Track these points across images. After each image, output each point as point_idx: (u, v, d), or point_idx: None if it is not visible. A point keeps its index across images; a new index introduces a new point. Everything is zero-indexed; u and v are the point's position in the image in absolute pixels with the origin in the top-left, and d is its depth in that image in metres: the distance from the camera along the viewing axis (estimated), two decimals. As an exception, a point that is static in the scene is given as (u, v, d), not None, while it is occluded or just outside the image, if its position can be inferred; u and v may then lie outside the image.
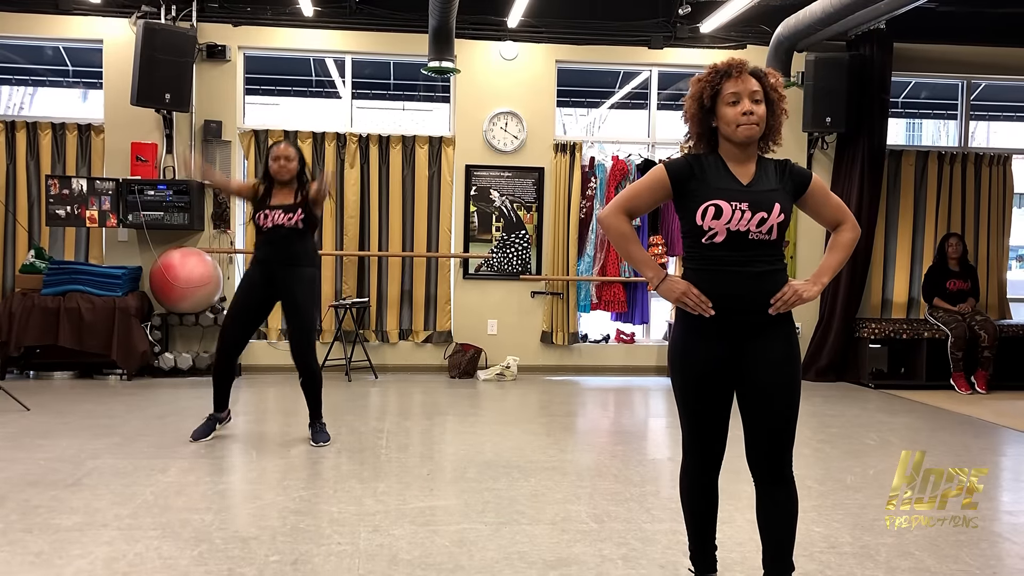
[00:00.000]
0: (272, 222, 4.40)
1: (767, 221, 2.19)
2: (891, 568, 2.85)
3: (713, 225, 2.19)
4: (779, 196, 2.23)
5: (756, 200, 2.20)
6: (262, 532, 3.09)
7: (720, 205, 2.19)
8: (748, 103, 2.21)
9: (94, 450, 4.26)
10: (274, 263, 4.46)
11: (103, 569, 2.70)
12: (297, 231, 4.43)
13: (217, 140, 7.06)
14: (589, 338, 7.76)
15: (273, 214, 4.40)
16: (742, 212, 2.18)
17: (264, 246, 4.49)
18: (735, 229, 2.19)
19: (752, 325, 2.25)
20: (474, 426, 5.21)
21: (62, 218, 6.70)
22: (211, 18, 7.06)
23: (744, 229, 2.19)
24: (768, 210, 2.20)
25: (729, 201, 2.20)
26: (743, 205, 2.19)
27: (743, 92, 2.22)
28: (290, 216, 4.40)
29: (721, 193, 2.21)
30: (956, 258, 7.18)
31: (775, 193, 2.23)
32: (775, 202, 2.21)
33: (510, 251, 7.45)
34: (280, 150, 4.46)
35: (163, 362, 6.69)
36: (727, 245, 2.20)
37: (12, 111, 8.72)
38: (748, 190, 2.23)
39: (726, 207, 2.19)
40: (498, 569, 2.77)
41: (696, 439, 2.35)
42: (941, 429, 5.37)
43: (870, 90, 7.23)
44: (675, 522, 3.29)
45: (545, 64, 7.42)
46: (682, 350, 2.33)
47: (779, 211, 2.21)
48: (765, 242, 2.21)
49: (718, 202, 2.19)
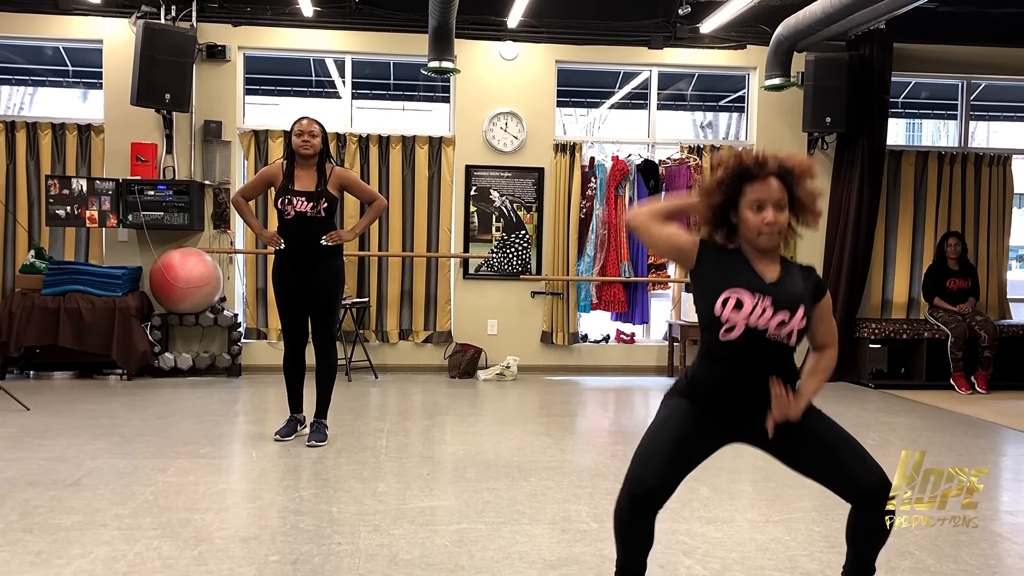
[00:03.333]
0: (295, 210, 4.35)
1: (787, 325, 2.09)
2: (891, 568, 2.85)
3: (732, 318, 2.09)
4: (805, 300, 2.14)
5: (781, 299, 2.10)
6: (262, 532, 3.09)
7: (742, 298, 2.09)
8: (771, 212, 2.10)
9: (94, 450, 4.26)
10: (301, 255, 4.43)
11: (103, 569, 2.70)
12: (321, 220, 4.40)
13: (217, 140, 7.06)
14: (589, 338, 7.76)
15: (297, 201, 4.35)
16: (764, 309, 2.08)
17: (289, 238, 4.43)
18: (754, 326, 2.09)
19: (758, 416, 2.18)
20: (474, 426, 5.21)
21: (62, 218, 6.70)
22: (211, 18, 7.06)
23: (763, 327, 2.09)
24: (792, 311, 2.09)
25: (752, 293, 2.09)
26: (766, 302, 2.09)
27: (767, 200, 2.10)
28: (313, 205, 4.36)
29: (743, 284, 2.11)
30: (955, 257, 7.18)
31: (801, 297, 2.13)
32: (800, 305, 2.11)
33: (510, 251, 7.45)
34: (304, 125, 4.38)
35: (163, 362, 6.69)
36: (743, 342, 2.10)
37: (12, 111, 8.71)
38: (773, 287, 2.13)
39: (747, 299, 2.09)
40: (498, 569, 2.77)
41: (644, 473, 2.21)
42: (941, 429, 5.37)
43: (870, 90, 7.23)
44: (675, 522, 3.30)
45: (545, 64, 7.42)
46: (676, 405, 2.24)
47: (802, 316, 2.10)
48: (781, 346, 2.12)
49: (740, 294, 2.09)
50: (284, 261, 4.48)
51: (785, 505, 3.51)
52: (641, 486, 2.19)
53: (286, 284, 4.49)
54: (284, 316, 4.56)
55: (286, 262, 4.48)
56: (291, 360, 4.61)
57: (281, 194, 4.38)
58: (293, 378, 4.65)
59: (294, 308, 4.52)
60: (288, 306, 4.52)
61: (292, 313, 4.52)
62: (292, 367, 4.62)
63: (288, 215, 4.38)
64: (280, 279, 4.52)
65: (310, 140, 4.37)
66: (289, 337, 4.59)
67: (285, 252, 4.46)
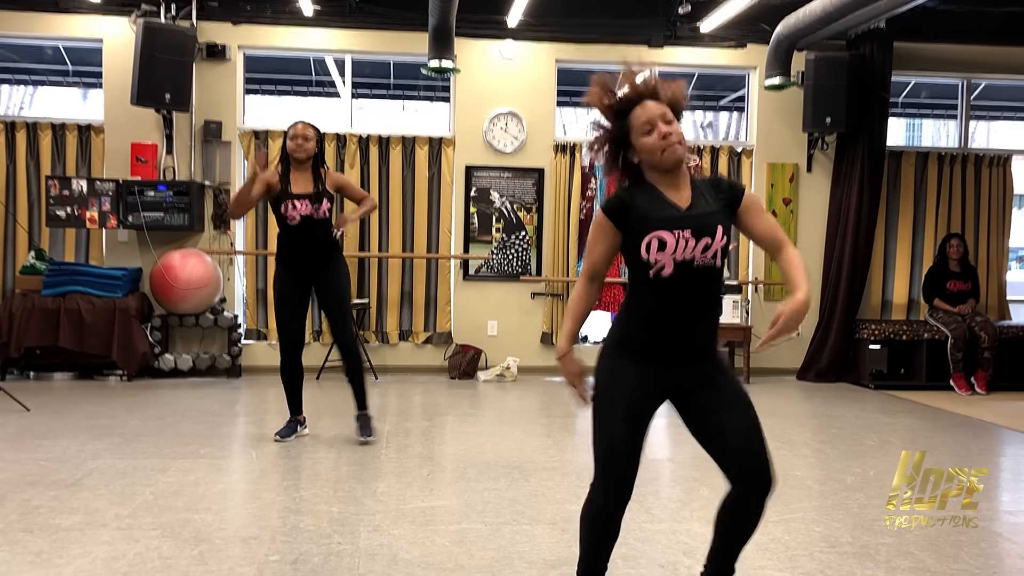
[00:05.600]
0: (300, 214, 4.36)
1: (711, 247, 2.11)
2: (891, 568, 2.85)
3: (659, 258, 2.10)
4: (719, 218, 2.15)
5: (698, 225, 2.12)
6: (262, 532, 3.09)
7: (663, 237, 2.10)
8: (663, 126, 2.14)
9: (94, 450, 4.26)
10: (308, 259, 4.45)
11: (103, 569, 2.70)
12: (326, 221, 4.43)
13: (217, 140, 7.06)
14: (589, 339, 7.76)
15: (300, 205, 4.36)
16: (686, 240, 2.10)
17: (295, 243, 4.43)
18: (681, 259, 2.10)
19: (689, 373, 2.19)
20: (474, 426, 5.21)
21: (62, 219, 6.70)
22: (211, 17, 7.06)
23: (690, 257, 2.10)
24: (712, 234, 2.11)
25: (671, 230, 2.11)
26: (686, 233, 2.10)
27: (653, 118, 2.14)
28: (317, 207, 4.38)
29: (662, 223, 2.12)
30: (957, 259, 7.17)
31: (715, 215, 2.14)
32: (717, 224, 2.12)
33: (510, 252, 7.45)
34: (298, 129, 4.40)
35: (163, 363, 6.69)
36: (676, 277, 2.11)
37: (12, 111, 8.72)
38: (689, 215, 2.14)
39: (669, 237, 2.10)
40: (498, 569, 2.77)
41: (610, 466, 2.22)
42: (941, 430, 5.36)
43: (870, 90, 7.22)
44: (675, 522, 3.30)
45: (545, 64, 7.41)
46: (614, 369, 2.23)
47: (721, 234, 2.13)
48: (711, 269, 2.13)
49: (660, 234, 2.10)
50: (290, 268, 4.49)
51: (785, 505, 3.51)
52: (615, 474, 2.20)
53: (289, 293, 4.50)
54: (282, 324, 4.54)
55: (291, 268, 4.48)
56: (288, 367, 4.59)
57: (282, 199, 4.38)
58: (291, 383, 4.63)
59: (294, 316, 4.52)
60: (289, 315, 4.51)
61: (292, 322, 4.52)
62: (289, 372, 4.60)
63: (293, 220, 4.38)
64: (283, 288, 4.52)
65: (303, 144, 4.39)
66: (286, 346, 4.56)
67: (292, 259, 4.47)
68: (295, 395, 4.66)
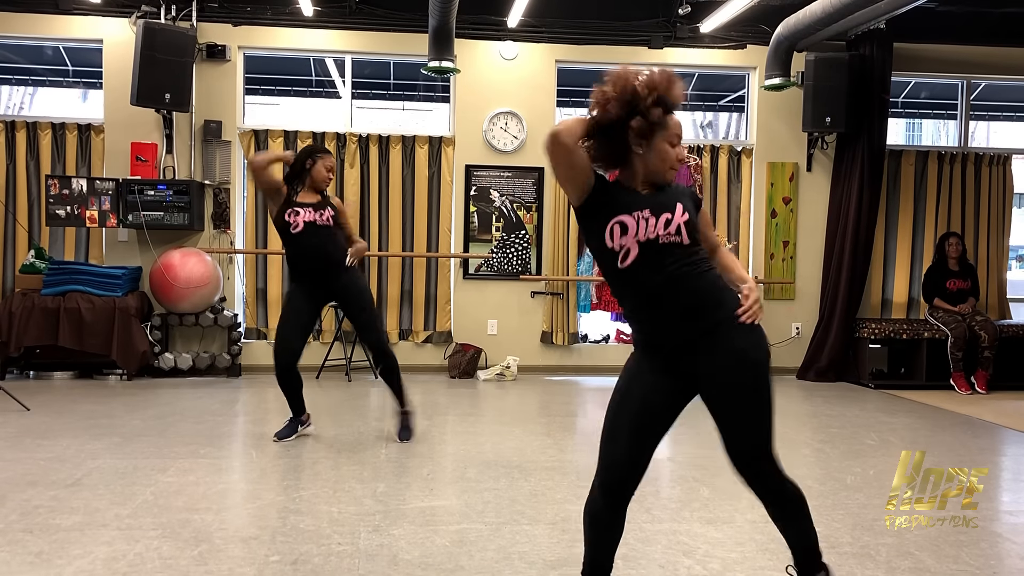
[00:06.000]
0: (303, 220, 4.38)
1: (672, 221, 2.10)
2: (891, 568, 2.85)
3: (623, 242, 2.10)
4: (679, 198, 2.15)
5: (656, 204, 2.12)
6: (262, 532, 3.09)
7: (624, 220, 2.10)
8: (682, 149, 2.18)
9: (94, 450, 4.27)
10: (317, 268, 4.46)
11: (103, 569, 2.70)
12: (330, 228, 4.45)
13: (217, 140, 7.06)
14: (589, 338, 7.76)
15: (304, 212, 4.39)
16: (646, 220, 2.09)
17: (302, 251, 4.45)
18: (644, 238, 2.09)
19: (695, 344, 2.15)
20: (474, 426, 5.21)
21: (62, 218, 6.70)
22: (211, 18, 7.06)
23: (653, 235, 2.09)
24: (671, 210, 2.11)
25: (630, 212, 2.11)
26: (644, 212, 2.10)
27: (679, 135, 2.19)
28: (321, 213, 4.42)
29: (621, 208, 2.12)
30: (956, 258, 7.17)
31: (675, 196, 2.15)
32: (676, 202, 2.13)
33: (510, 251, 7.45)
34: (332, 162, 4.53)
35: (163, 362, 6.69)
36: (643, 261, 2.10)
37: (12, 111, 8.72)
38: (647, 197, 2.15)
39: (630, 220, 2.10)
40: (498, 569, 2.77)
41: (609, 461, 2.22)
42: (941, 429, 5.36)
43: (870, 90, 7.22)
44: (675, 522, 3.30)
45: (545, 64, 7.41)
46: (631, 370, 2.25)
47: (682, 210, 2.11)
48: (680, 246, 2.11)
49: (621, 217, 2.10)
50: (303, 281, 4.50)
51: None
52: (611, 475, 2.22)
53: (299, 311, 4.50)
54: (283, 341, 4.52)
55: (304, 281, 4.49)
56: (283, 376, 4.54)
57: (285, 207, 4.41)
58: (289, 388, 4.59)
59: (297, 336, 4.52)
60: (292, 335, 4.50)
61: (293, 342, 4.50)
62: (285, 380, 4.55)
63: (296, 227, 4.39)
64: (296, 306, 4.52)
65: (332, 177, 4.54)
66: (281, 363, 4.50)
67: (302, 269, 4.49)
68: (295, 397, 4.64)
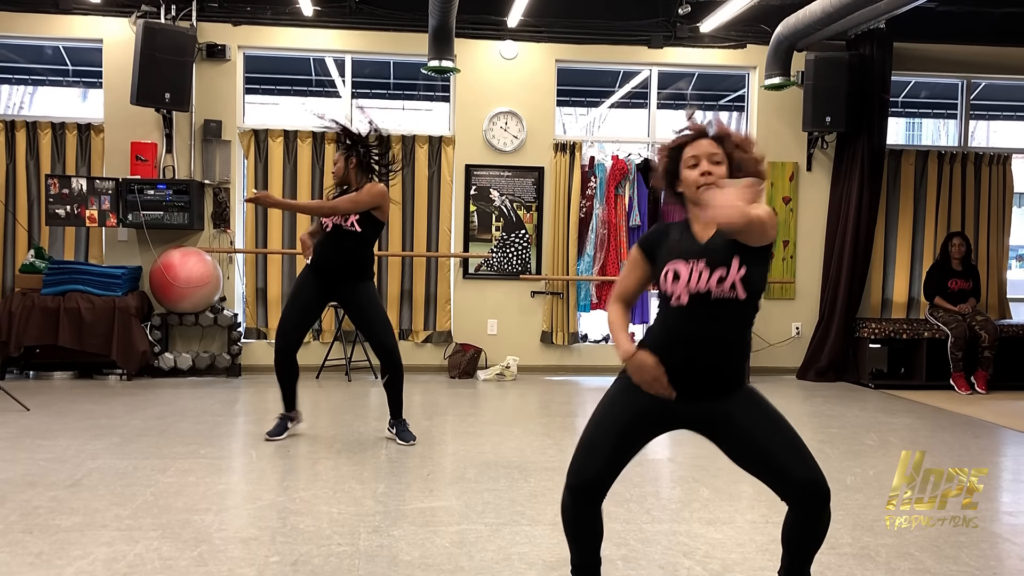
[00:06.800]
0: (332, 222, 4.37)
1: (727, 279, 2.10)
2: (891, 568, 2.85)
3: (674, 289, 2.15)
4: (738, 250, 2.12)
5: (713, 257, 2.13)
6: (262, 532, 3.09)
7: (678, 269, 2.15)
8: (706, 164, 2.20)
9: (94, 450, 4.26)
10: (330, 271, 4.44)
11: (103, 569, 2.70)
12: (355, 234, 4.36)
13: (217, 140, 7.06)
14: (589, 338, 7.76)
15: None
16: (699, 272, 2.12)
17: (322, 248, 4.44)
18: (695, 291, 2.12)
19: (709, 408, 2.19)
20: (474, 426, 5.21)
21: (62, 218, 6.70)
22: (211, 18, 7.06)
23: (705, 289, 2.11)
24: (727, 265, 2.11)
25: (686, 261, 2.15)
26: (700, 264, 2.13)
27: (701, 155, 2.21)
28: (346, 217, 4.35)
29: (678, 255, 2.17)
30: (959, 258, 7.17)
31: (734, 247, 2.12)
32: (734, 255, 2.11)
33: (510, 251, 7.45)
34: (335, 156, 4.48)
35: (163, 362, 6.69)
36: (691, 306, 2.14)
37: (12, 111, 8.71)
38: (705, 247, 2.17)
39: (683, 268, 2.14)
40: (498, 570, 2.77)
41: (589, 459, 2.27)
42: (941, 429, 5.37)
43: (870, 90, 7.22)
44: (675, 523, 3.30)
45: (545, 64, 7.41)
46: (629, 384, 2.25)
47: (739, 264, 2.11)
48: (731, 301, 2.12)
49: (676, 266, 2.16)
50: (314, 270, 4.49)
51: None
52: (579, 477, 2.27)
53: (306, 286, 4.50)
54: (283, 325, 4.53)
55: (315, 271, 4.49)
56: (281, 365, 4.54)
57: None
58: (285, 380, 4.60)
59: (299, 322, 4.52)
60: (294, 317, 4.51)
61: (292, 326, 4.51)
62: (283, 370, 4.56)
63: (327, 227, 4.41)
64: (301, 286, 4.53)
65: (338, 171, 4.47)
66: (280, 348, 4.51)
67: (318, 262, 4.47)
68: (289, 391, 4.64)
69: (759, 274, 2.15)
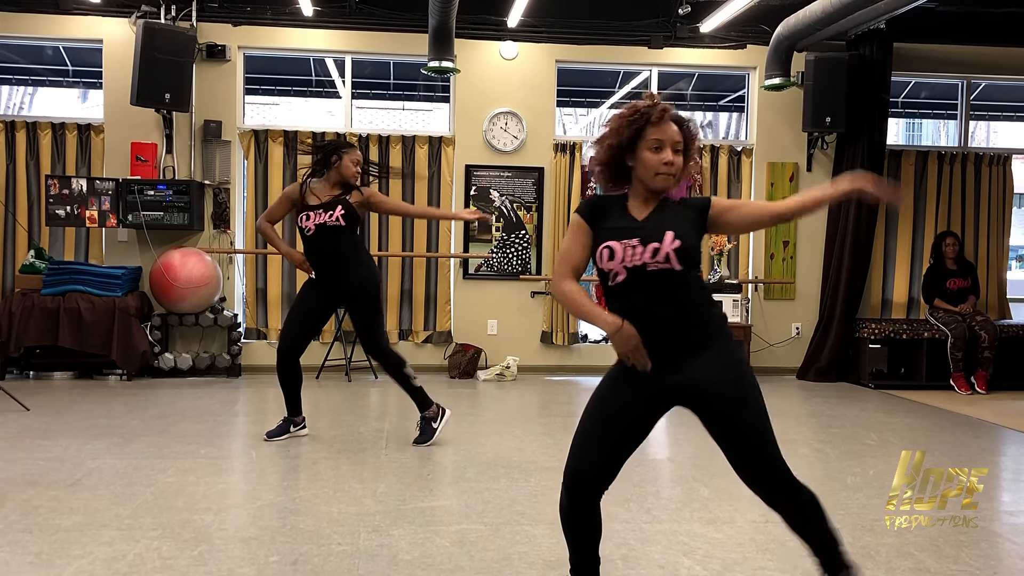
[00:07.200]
0: (314, 223, 4.36)
1: (661, 250, 2.11)
2: (891, 568, 2.85)
3: (611, 266, 2.15)
4: (673, 225, 2.15)
5: (646, 233, 2.15)
6: (262, 532, 3.09)
7: (612, 246, 2.15)
8: (670, 153, 2.16)
9: (94, 450, 4.26)
10: (326, 269, 4.44)
11: (103, 569, 2.70)
12: (341, 228, 4.37)
13: (217, 140, 7.06)
14: (589, 338, 7.76)
15: (314, 214, 4.36)
16: (632, 248, 2.13)
17: (312, 253, 4.43)
18: (631, 265, 2.13)
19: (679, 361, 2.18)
20: (474, 426, 5.21)
21: (62, 218, 6.70)
22: (211, 18, 7.06)
23: (640, 263, 2.13)
24: (659, 239, 2.12)
25: (619, 240, 2.15)
26: (633, 241, 2.14)
27: (667, 141, 2.16)
28: (330, 213, 4.35)
29: (613, 234, 2.17)
30: (953, 257, 7.17)
31: (668, 223, 2.16)
32: (666, 230, 2.14)
33: (510, 251, 7.45)
34: (358, 155, 4.47)
35: (163, 362, 6.69)
36: (631, 282, 2.15)
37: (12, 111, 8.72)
38: (640, 226, 2.18)
39: (617, 247, 2.14)
40: (498, 569, 2.77)
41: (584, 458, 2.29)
42: (941, 429, 5.36)
43: (870, 90, 7.22)
44: (675, 522, 3.30)
45: (545, 64, 7.41)
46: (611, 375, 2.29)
47: (672, 238, 2.12)
48: (667, 272, 2.13)
49: (610, 244, 2.15)
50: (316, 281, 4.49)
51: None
52: (576, 476, 2.30)
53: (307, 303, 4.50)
54: (287, 328, 4.55)
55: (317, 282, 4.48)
56: (283, 369, 4.54)
57: (299, 213, 4.42)
58: (288, 384, 4.59)
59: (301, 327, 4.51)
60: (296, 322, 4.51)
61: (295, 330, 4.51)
62: (285, 374, 4.55)
63: (308, 231, 4.38)
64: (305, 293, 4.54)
65: (359, 171, 4.47)
66: (281, 350, 4.51)
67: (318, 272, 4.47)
68: (292, 396, 4.64)
69: (694, 246, 2.17)
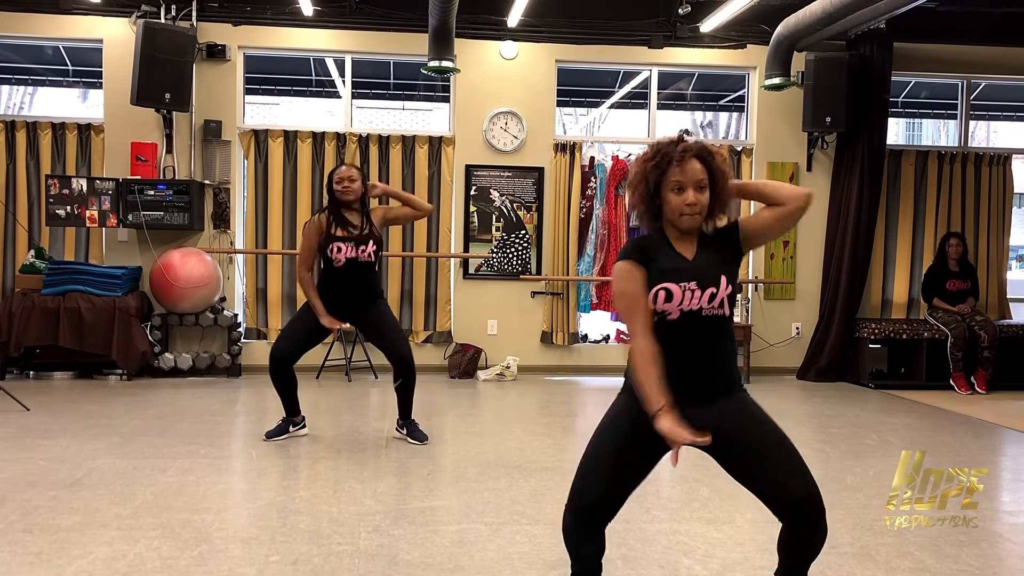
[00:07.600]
0: (345, 256, 4.36)
1: (717, 296, 2.15)
2: (891, 568, 2.85)
3: (666, 307, 2.16)
4: (723, 268, 2.19)
5: (703, 276, 2.16)
6: (262, 532, 3.09)
7: (670, 289, 2.15)
8: (692, 194, 2.15)
9: (94, 450, 4.27)
10: (348, 303, 4.44)
11: (103, 569, 2.70)
12: (371, 264, 4.44)
13: (217, 140, 7.06)
14: (589, 338, 7.76)
15: (346, 247, 4.36)
16: (692, 292, 2.15)
17: (337, 286, 4.43)
18: (687, 309, 2.15)
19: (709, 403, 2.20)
20: (474, 426, 5.21)
21: (62, 218, 6.70)
22: (211, 18, 7.06)
23: (696, 307, 2.15)
24: (716, 284, 2.16)
25: (678, 283, 2.16)
26: (691, 285, 2.15)
27: (688, 181, 2.14)
28: (363, 248, 4.38)
29: (669, 275, 2.17)
30: (956, 258, 7.17)
31: (720, 267, 2.19)
32: (720, 275, 2.17)
33: (510, 251, 7.45)
34: (343, 172, 4.44)
35: (163, 362, 6.69)
36: (681, 323, 2.16)
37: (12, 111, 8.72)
38: (694, 267, 2.19)
39: (675, 289, 2.15)
40: (498, 569, 2.78)
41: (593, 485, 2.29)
42: (941, 429, 5.37)
43: (870, 90, 7.22)
44: (675, 522, 3.30)
45: (545, 64, 7.41)
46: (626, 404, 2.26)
47: (726, 283, 2.17)
48: (719, 317, 2.17)
49: (667, 286, 2.15)
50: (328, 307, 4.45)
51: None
52: (581, 500, 2.31)
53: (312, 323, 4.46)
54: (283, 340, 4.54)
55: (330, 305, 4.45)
56: (276, 375, 4.54)
57: (328, 242, 4.39)
58: (283, 388, 4.59)
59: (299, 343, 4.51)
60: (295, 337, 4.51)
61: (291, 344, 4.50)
62: (279, 379, 4.55)
63: (338, 263, 4.38)
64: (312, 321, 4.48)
65: (350, 186, 4.42)
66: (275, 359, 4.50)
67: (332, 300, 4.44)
68: (288, 398, 4.64)
69: (737, 289, 2.23)
